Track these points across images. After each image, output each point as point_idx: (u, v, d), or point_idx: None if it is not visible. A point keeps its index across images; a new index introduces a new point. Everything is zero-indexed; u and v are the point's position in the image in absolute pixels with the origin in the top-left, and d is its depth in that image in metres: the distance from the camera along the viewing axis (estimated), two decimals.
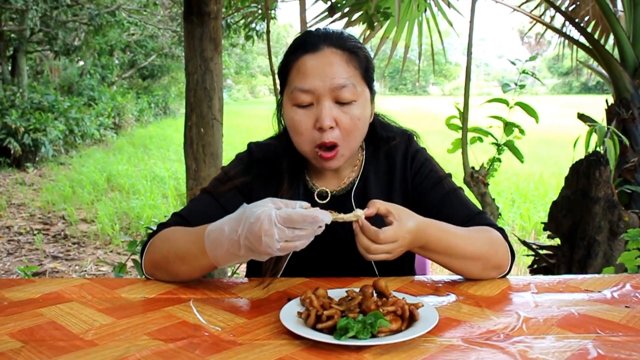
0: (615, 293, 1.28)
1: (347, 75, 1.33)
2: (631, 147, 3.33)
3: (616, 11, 3.77)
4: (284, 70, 1.40)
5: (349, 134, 1.35)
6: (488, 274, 1.37)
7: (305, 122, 1.35)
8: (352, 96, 1.33)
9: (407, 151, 1.53)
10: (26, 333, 1.08)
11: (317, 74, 1.32)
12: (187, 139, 2.92)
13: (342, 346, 0.99)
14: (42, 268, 4.87)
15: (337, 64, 1.33)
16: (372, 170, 1.52)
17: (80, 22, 12.16)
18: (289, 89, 1.37)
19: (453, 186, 1.51)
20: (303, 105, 1.34)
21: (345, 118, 1.34)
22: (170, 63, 20.24)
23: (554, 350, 0.98)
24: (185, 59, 2.90)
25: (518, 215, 6.46)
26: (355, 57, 1.36)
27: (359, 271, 1.45)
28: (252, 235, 1.09)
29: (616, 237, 2.82)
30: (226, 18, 6.39)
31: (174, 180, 8.82)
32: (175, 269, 1.32)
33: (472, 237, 1.34)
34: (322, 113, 1.31)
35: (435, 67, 4.84)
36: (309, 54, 1.34)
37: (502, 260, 1.38)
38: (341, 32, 1.40)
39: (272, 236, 1.07)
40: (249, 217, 1.10)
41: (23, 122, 10.15)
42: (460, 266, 1.34)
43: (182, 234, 1.33)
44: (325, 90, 1.32)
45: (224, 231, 1.15)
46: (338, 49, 1.35)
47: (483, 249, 1.34)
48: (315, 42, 1.35)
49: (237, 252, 1.14)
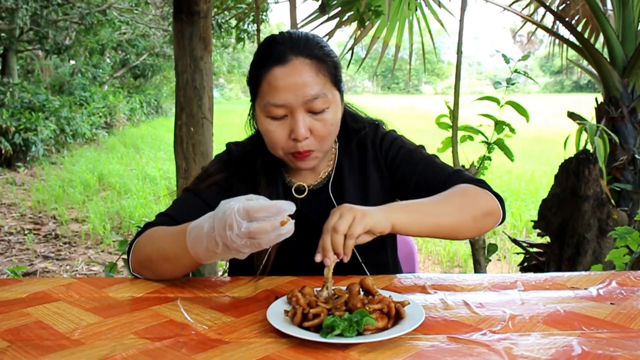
0: (601, 290, 1.29)
1: (319, 87, 1.33)
2: (620, 145, 3.35)
3: (605, 10, 3.79)
4: (254, 82, 1.39)
5: (322, 140, 1.38)
6: (482, 222, 1.38)
7: (279, 133, 1.36)
8: (324, 105, 1.34)
9: (375, 137, 1.56)
10: (12, 333, 1.08)
11: (289, 88, 1.31)
12: (177, 138, 2.91)
13: (328, 344, 0.99)
14: (33, 268, 4.85)
15: (307, 75, 1.32)
16: (346, 162, 1.55)
17: (71, 21, 12.11)
18: (261, 101, 1.37)
19: (425, 154, 1.53)
20: (277, 117, 1.35)
21: (319, 125, 1.35)
22: (161, 62, 20.19)
23: (539, 347, 0.99)
24: (175, 58, 2.89)
25: (510, 214, 6.48)
26: (323, 64, 1.36)
27: (346, 270, 1.46)
28: (221, 229, 1.09)
29: (605, 235, 2.84)
30: (217, 17, 6.38)
31: (166, 179, 8.80)
32: (159, 267, 1.33)
33: (447, 193, 1.37)
34: (297, 125, 1.32)
35: (428, 66, 4.86)
36: (278, 67, 1.32)
37: (489, 206, 1.38)
38: (306, 38, 1.38)
39: (234, 229, 1.07)
40: (219, 212, 1.11)
41: (14, 121, 10.10)
42: (450, 224, 1.33)
43: (164, 233, 1.34)
44: (298, 103, 1.32)
45: (203, 228, 1.15)
46: (306, 58, 1.34)
47: (466, 200, 1.35)
48: (283, 53, 1.33)
49: (215, 249, 1.13)
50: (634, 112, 3.38)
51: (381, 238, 1.28)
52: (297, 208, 1.50)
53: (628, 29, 3.46)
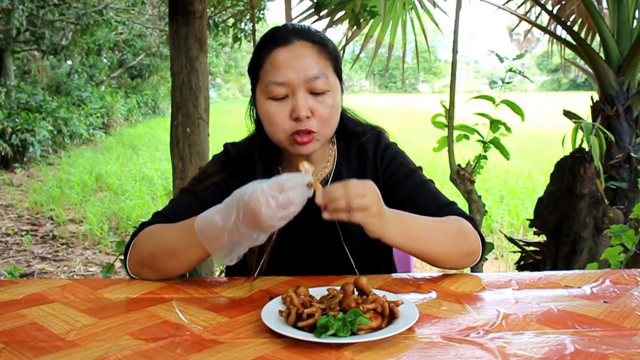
0: (595, 289, 1.30)
1: (320, 67, 1.36)
2: (616, 143, 3.36)
3: (601, 9, 3.79)
4: (255, 66, 1.42)
5: (324, 122, 1.38)
6: (463, 260, 1.41)
7: (281, 113, 1.37)
8: (325, 86, 1.36)
9: (378, 146, 1.57)
10: (7, 334, 1.08)
11: (291, 66, 1.34)
12: (173, 139, 2.92)
13: (322, 344, 0.99)
14: (31, 269, 4.85)
15: (309, 55, 1.36)
16: (344, 166, 1.55)
17: (67, 21, 12.10)
18: (262, 83, 1.39)
19: (423, 179, 1.55)
20: (278, 97, 1.36)
21: (321, 107, 1.37)
22: (158, 62, 20.17)
23: (532, 345, 0.99)
24: (171, 59, 2.89)
25: (506, 212, 6.50)
26: (325, 48, 1.40)
27: (341, 270, 1.47)
28: (251, 213, 1.10)
29: (601, 233, 2.85)
30: (213, 17, 6.38)
31: (163, 180, 8.79)
32: (163, 264, 1.33)
33: (443, 223, 1.40)
34: (298, 104, 1.34)
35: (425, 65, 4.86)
36: (280, 48, 1.36)
37: (473, 247, 1.42)
38: (309, 27, 1.44)
39: (270, 205, 1.09)
40: (242, 197, 1.12)
41: (10, 122, 10.08)
42: (437, 252, 1.36)
43: (168, 229, 1.35)
44: (300, 81, 1.34)
45: (217, 223, 1.16)
46: (308, 41, 1.38)
47: (454, 235, 1.39)
48: (286, 36, 1.38)
49: (235, 239, 1.15)
50: (629, 111, 3.39)
51: (377, 246, 1.29)
52: None
53: (623, 27, 3.47)
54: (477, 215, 2.88)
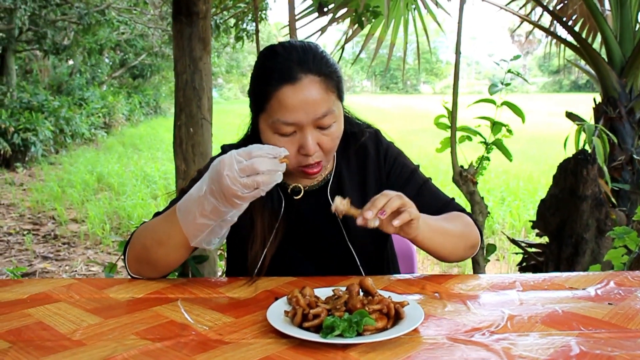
0: (599, 290, 1.30)
1: (328, 104, 1.34)
2: (618, 145, 3.35)
3: (603, 10, 3.79)
4: (260, 98, 1.37)
5: (330, 151, 1.41)
6: (468, 252, 1.52)
7: (289, 148, 1.33)
8: (331, 120, 1.36)
9: (379, 147, 1.60)
10: (14, 333, 1.08)
11: (301, 108, 1.31)
12: (176, 139, 2.91)
13: (328, 344, 1.00)
14: (32, 268, 4.85)
15: (317, 93, 1.32)
16: (344, 166, 1.57)
17: (69, 21, 12.11)
18: (268, 118, 1.35)
19: (424, 178, 1.61)
20: (285, 134, 1.35)
21: (327, 140, 1.37)
22: (160, 62, 20.18)
23: (537, 347, 0.99)
24: (174, 59, 2.89)
25: (508, 213, 6.49)
26: (330, 80, 1.36)
27: (346, 270, 1.47)
28: (216, 175, 1.15)
29: (603, 235, 2.85)
30: (216, 18, 6.38)
31: (165, 180, 8.79)
32: (154, 254, 1.34)
33: (452, 219, 1.50)
34: (308, 142, 1.34)
35: (427, 66, 4.86)
36: (288, 86, 1.31)
37: (476, 239, 1.53)
38: (314, 53, 1.37)
39: (233, 167, 1.13)
40: (212, 166, 1.18)
41: (12, 121, 10.09)
42: (450, 247, 1.44)
43: (157, 219, 1.39)
44: (309, 121, 1.33)
45: (192, 195, 1.22)
46: (315, 75, 1.33)
47: (465, 229, 1.49)
48: (292, 70, 1.32)
49: (204, 211, 1.19)
50: (632, 112, 3.38)
51: (380, 242, 1.30)
52: (294, 208, 1.51)
53: (626, 29, 3.47)
54: (480, 217, 2.88)
